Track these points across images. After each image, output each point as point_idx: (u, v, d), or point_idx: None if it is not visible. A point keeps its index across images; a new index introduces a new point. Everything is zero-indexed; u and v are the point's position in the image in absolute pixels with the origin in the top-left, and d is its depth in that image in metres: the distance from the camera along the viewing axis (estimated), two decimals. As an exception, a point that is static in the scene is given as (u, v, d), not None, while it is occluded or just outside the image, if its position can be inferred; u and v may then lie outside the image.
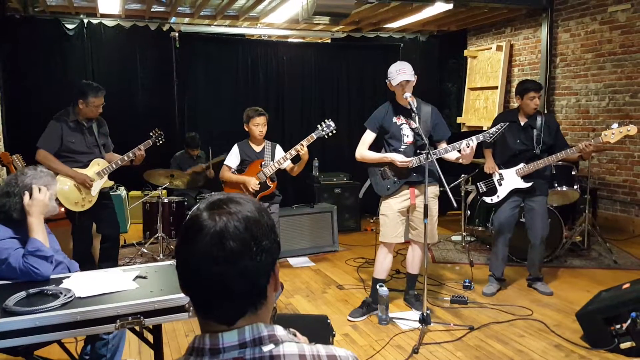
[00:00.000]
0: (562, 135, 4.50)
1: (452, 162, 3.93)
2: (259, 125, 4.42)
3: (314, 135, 4.30)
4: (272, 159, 4.47)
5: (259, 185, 4.37)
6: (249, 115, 4.44)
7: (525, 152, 4.36)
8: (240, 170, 4.50)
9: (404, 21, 7.83)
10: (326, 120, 4.37)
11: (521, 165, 4.34)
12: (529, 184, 4.32)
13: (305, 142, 4.25)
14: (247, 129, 4.48)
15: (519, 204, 4.44)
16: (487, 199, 4.51)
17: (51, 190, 2.63)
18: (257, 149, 4.52)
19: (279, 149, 4.61)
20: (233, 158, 4.51)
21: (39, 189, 2.56)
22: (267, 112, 4.51)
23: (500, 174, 4.42)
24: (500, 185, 4.42)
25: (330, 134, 4.36)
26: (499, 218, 4.48)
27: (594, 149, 4.11)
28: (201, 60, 7.35)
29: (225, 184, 4.56)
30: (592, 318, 3.46)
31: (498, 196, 4.43)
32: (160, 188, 5.70)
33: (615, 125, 3.98)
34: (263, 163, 4.44)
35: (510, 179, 4.39)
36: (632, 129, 3.96)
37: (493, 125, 4.45)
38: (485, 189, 4.50)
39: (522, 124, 4.39)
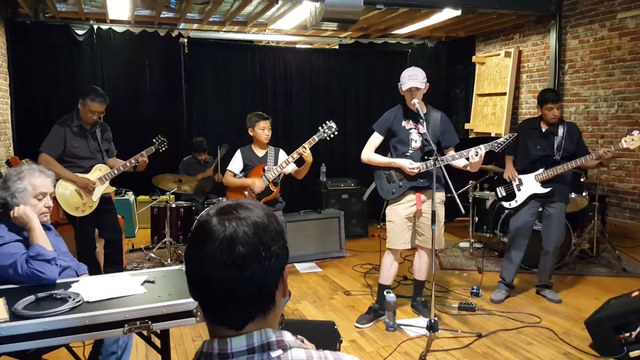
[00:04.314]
0: (583, 143, 4.48)
1: (460, 169, 3.92)
2: (265, 129, 4.43)
3: (315, 138, 4.28)
4: (275, 164, 4.46)
5: (264, 188, 4.37)
6: (254, 119, 4.44)
7: (545, 158, 4.36)
8: (244, 175, 4.50)
9: (412, 27, 7.83)
10: (327, 122, 4.34)
11: (540, 170, 4.34)
12: (548, 189, 4.32)
13: (307, 145, 4.24)
14: (251, 134, 4.48)
15: (537, 210, 4.44)
16: (506, 204, 4.52)
17: (24, 195, 2.55)
18: (260, 153, 4.52)
19: (282, 153, 4.59)
20: (236, 164, 4.51)
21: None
22: (275, 117, 4.50)
23: (519, 179, 4.43)
24: (519, 190, 4.43)
25: (332, 135, 4.34)
26: (515, 223, 4.47)
27: (613, 155, 4.13)
28: (210, 66, 7.37)
29: (228, 189, 4.56)
30: (601, 326, 3.43)
31: (516, 201, 4.44)
32: (168, 193, 5.72)
33: (636, 132, 3.96)
34: (265, 168, 4.44)
35: (529, 184, 4.39)
36: None
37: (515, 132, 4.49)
38: (504, 194, 4.52)
39: (543, 130, 4.40)
